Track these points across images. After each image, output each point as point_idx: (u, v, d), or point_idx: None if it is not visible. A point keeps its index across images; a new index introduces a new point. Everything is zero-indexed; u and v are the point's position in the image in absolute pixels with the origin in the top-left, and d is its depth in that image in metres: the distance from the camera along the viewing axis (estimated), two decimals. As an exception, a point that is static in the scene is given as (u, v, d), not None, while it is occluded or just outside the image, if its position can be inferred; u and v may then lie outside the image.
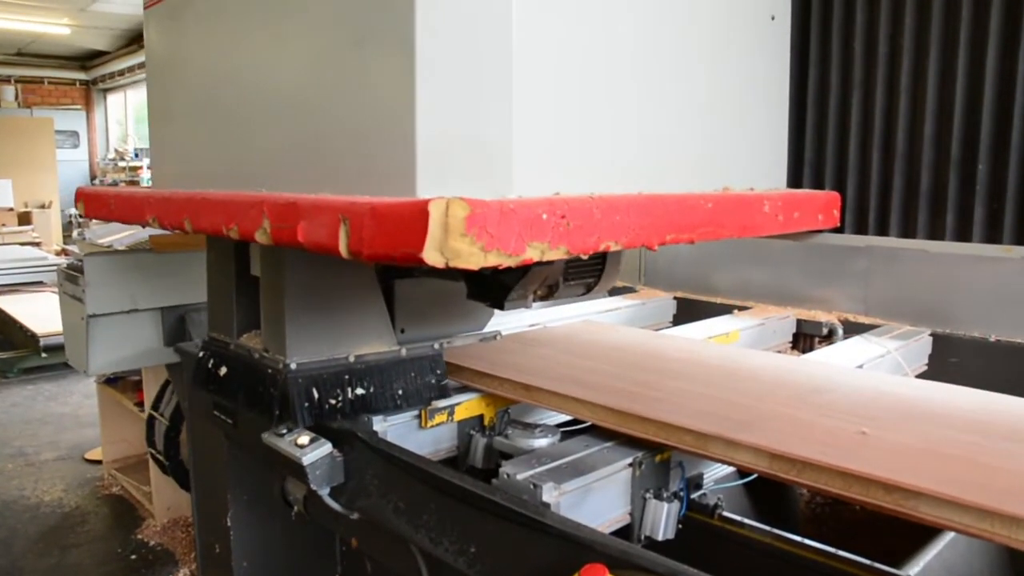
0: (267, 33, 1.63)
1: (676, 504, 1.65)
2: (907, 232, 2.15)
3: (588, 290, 1.81)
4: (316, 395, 1.88)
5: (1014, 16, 1.88)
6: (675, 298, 3.49)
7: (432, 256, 1.08)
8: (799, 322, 3.11)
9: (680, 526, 1.68)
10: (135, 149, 15.08)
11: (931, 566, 1.58)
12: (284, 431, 1.97)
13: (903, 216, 2.14)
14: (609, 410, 1.77)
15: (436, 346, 2.08)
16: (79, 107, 16.65)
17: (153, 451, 3.41)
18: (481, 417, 2.07)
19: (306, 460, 1.83)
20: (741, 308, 3.20)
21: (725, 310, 3.20)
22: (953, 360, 2.68)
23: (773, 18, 1.83)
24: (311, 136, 1.50)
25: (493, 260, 1.11)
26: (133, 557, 3.51)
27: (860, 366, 2.36)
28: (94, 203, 2.29)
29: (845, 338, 2.81)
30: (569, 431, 1.87)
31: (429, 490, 1.64)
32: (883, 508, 1.36)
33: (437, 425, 1.98)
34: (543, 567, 1.39)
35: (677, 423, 1.64)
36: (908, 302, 2.76)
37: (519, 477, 1.54)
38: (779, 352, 3.01)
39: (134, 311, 2.82)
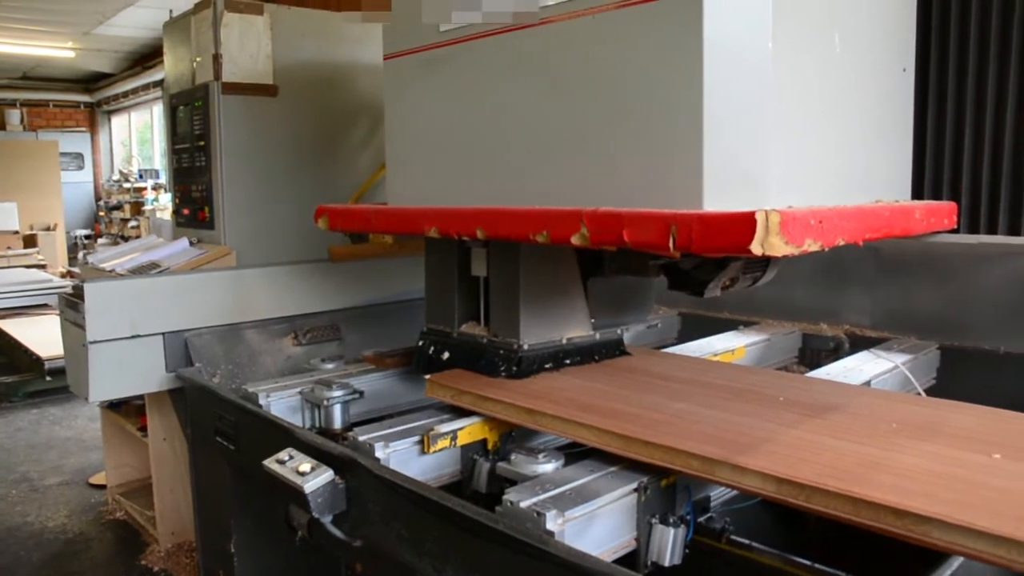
0: (545, 87, 2.00)
1: (683, 529, 1.62)
2: (1013, 231, 2.80)
3: (755, 282, 2.26)
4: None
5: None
6: (679, 314, 3.47)
7: (756, 248, 1.48)
8: (805, 337, 3.09)
9: (687, 551, 1.65)
10: (139, 170, 15.12)
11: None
12: (286, 458, 1.96)
13: (1010, 217, 2.82)
14: (614, 435, 1.74)
15: (619, 332, 2.55)
16: (84, 129, 16.72)
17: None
18: (484, 441, 2.05)
19: (308, 487, 1.82)
20: (746, 323, 3.18)
21: (730, 326, 3.17)
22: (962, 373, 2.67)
23: (904, 70, 2.36)
24: (596, 166, 1.90)
25: (788, 250, 1.52)
26: (137, 584, 3.49)
27: (868, 382, 2.33)
28: (342, 217, 2.67)
29: (852, 352, 2.78)
30: (573, 453, 1.85)
31: (432, 518, 1.62)
32: (894, 533, 1.33)
33: (440, 450, 1.96)
34: (548, 597, 1.37)
35: (683, 448, 1.61)
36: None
37: (522, 505, 1.51)
38: (786, 367, 2.98)
39: (136, 337, 2.80)
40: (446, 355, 2.45)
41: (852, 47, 2.06)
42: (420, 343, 2.56)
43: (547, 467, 1.74)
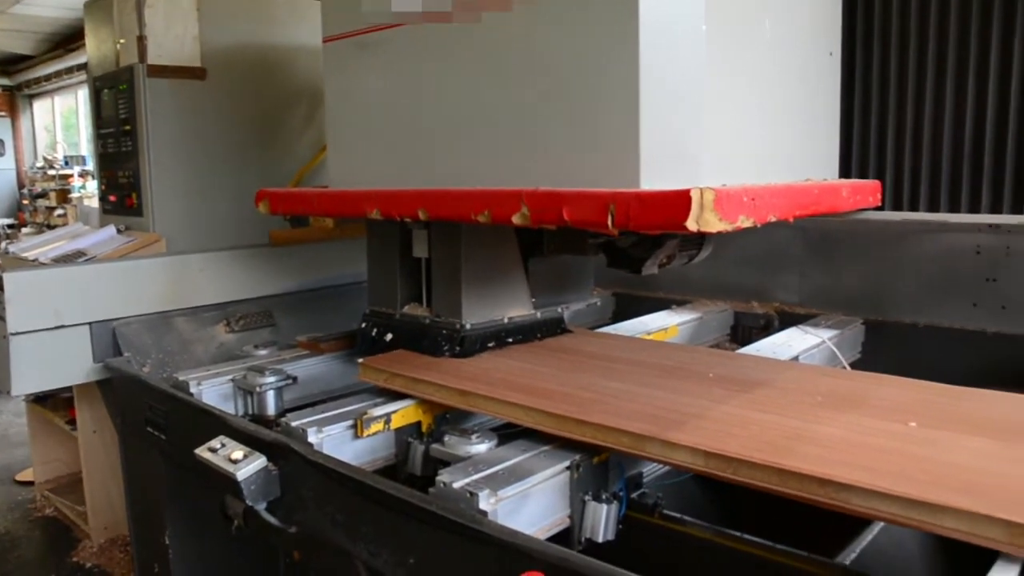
0: (484, 69, 2.04)
1: (615, 505, 1.65)
2: (933, 208, 2.99)
3: (691, 260, 2.36)
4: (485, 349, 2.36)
5: (1008, 52, 2.76)
6: (614, 295, 3.50)
7: (691, 224, 1.52)
8: (736, 314, 3.15)
9: (620, 526, 1.68)
10: (65, 157, 14.58)
11: (866, 553, 1.60)
12: (218, 446, 1.93)
13: (929, 196, 3.01)
14: (546, 414, 1.76)
15: (559, 310, 2.61)
16: (3, 114, 16.05)
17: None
18: (419, 424, 2.04)
19: (240, 475, 1.80)
20: (679, 302, 3.23)
21: (664, 305, 3.22)
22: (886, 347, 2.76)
23: (831, 54, 2.47)
24: (536, 147, 1.94)
25: (722, 226, 1.55)
26: (69, 581, 3.40)
27: (795, 357, 2.40)
28: (283, 201, 2.65)
29: (781, 329, 2.85)
30: (507, 434, 1.86)
31: (365, 501, 1.61)
32: (818, 502, 1.38)
33: (374, 434, 1.95)
34: (482, 576, 1.38)
35: (614, 425, 1.64)
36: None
37: (455, 485, 1.52)
38: (718, 345, 3.04)
39: (60, 327, 2.71)
40: (389, 336, 2.46)
41: (782, 31, 2.13)
42: (363, 325, 2.56)
43: (480, 448, 1.75)
